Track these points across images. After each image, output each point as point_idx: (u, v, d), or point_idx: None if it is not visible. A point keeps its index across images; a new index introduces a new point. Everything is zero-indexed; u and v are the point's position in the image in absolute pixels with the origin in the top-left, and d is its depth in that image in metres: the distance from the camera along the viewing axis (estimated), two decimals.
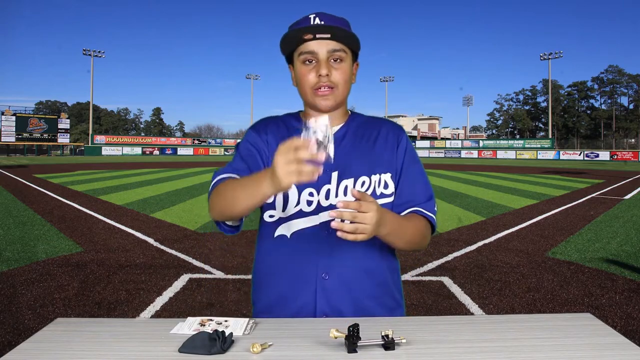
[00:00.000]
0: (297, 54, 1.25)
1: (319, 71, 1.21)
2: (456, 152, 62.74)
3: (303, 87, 1.26)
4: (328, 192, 1.24)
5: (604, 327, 1.10)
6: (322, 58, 1.22)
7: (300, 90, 1.28)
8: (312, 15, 1.23)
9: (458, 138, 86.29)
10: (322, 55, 1.22)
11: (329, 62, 1.22)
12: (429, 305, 3.77)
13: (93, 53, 66.48)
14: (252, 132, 1.33)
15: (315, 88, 1.23)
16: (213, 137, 78.53)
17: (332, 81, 1.22)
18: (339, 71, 1.23)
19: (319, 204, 1.24)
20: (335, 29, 1.21)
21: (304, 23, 1.23)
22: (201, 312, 3.53)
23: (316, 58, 1.22)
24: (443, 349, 0.99)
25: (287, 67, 1.34)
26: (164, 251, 5.61)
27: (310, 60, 1.23)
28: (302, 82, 1.25)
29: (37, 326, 3.22)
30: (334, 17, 1.24)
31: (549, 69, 66.21)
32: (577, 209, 9.64)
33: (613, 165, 38.59)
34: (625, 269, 4.87)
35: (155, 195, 11.69)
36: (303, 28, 1.21)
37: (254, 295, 1.35)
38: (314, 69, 1.23)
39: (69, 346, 1.00)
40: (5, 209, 9.19)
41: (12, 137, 58.18)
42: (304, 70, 1.24)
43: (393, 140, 1.32)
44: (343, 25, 1.25)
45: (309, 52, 1.22)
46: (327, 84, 1.22)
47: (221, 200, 1.17)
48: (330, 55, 1.22)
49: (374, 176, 1.26)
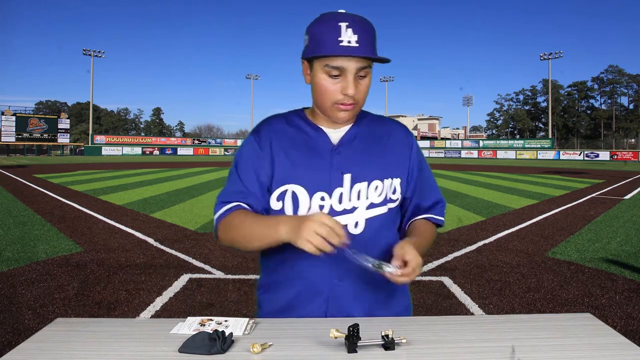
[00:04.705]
0: (322, 64, 1.15)
1: (346, 90, 1.14)
2: (456, 152, 62.74)
3: (322, 100, 1.19)
4: (341, 196, 1.20)
5: (604, 327, 1.10)
6: (350, 76, 1.14)
7: (318, 99, 1.21)
8: (343, 25, 1.11)
9: (458, 138, 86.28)
10: (350, 72, 1.14)
11: (356, 80, 1.15)
12: (429, 305, 3.77)
13: (93, 53, 66.47)
14: (252, 148, 1.25)
15: (338, 103, 1.17)
16: (213, 137, 78.53)
17: (355, 98, 1.17)
18: (362, 87, 1.17)
19: (332, 208, 1.20)
20: (367, 47, 1.13)
21: (335, 32, 1.11)
22: (201, 312, 3.54)
23: (343, 74, 1.14)
24: (443, 349, 0.99)
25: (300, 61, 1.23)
26: (164, 251, 5.61)
27: (336, 75, 1.15)
28: (323, 94, 1.18)
29: (37, 326, 3.22)
30: (364, 26, 1.14)
31: (549, 69, 66.25)
32: (577, 209, 9.64)
33: (613, 165, 38.58)
34: (625, 269, 4.87)
35: (155, 195, 11.69)
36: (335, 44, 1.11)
37: (262, 298, 1.31)
38: (338, 84, 1.15)
39: (69, 346, 1.00)
40: (5, 209, 9.18)
41: (12, 137, 58.19)
42: (327, 84, 1.16)
43: (405, 145, 1.32)
44: (372, 36, 1.16)
45: (336, 68, 1.14)
46: (351, 102, 1.17)
47: (234, 235, 1.18)
48: (358, 72, 1.15)
49: (386, 180, 1.25)
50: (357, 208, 1.21)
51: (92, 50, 66.37)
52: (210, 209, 10.16)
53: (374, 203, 1.23)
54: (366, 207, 1.22)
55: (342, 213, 1.20)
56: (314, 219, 1.02)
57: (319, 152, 1.23)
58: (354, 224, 1.21)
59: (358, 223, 1.21)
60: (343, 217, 1.20)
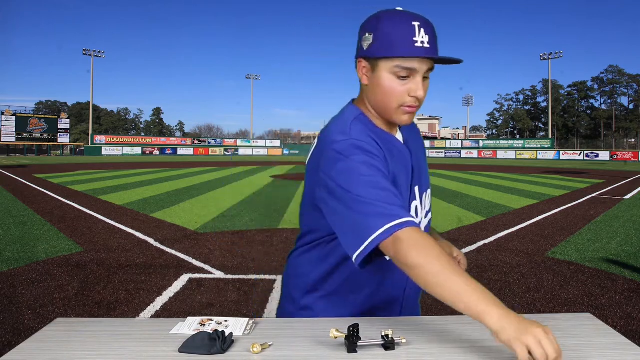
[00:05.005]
0: (391, 64, 1.10)
1: (415, 92, 1.11)
2: (456, 152, 62.74)
3: (388, 101, 1.13)
4: (417, 209, 1.23)
5: (604, 327, 1.10)
6: (419, 78, 1.11)
7: (382, 100, 1.14)
8: (416, 24, 1.08)
9: (458, 138, 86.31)
10: (420, 74, 1.11)
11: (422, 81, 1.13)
12: (429, 305, 3.77)
13: (93, 53, 66.50)
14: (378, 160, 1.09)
15: (404, 105, 1.14)
16: (213, 137, 78.47)
17: (420, 100, 1.14)
18: (425, 88, 1.14)
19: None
20: (436, 48, 1.11)
21: (409, 32, 1.08)
22: (201, 312, 3.54)
23: (412, 75, 1.11)
24: (443, 349, 0.99)
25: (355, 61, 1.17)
26: (164, 251, 5.61)
27: (404, 77, 1.11)
28: (389, 95, 1.12)
29: (37, 326, 3.22)
30: (432, 27, 1.12)
31: (549, 69, 66.27)
32: (577, 209, 9.64)
33: (613, 165, 38.59)
34: (625, 269, 4.87)
35: (155, 195, 11.69)
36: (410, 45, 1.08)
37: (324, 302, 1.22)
38: (407, 85, 1.11)
39: (69, 346, 1.00)
40: (5, 209, 9.19)
41: (12, 137, 58.22)
42: (395, 85, 1.11)
43: (424, 147, 1.39)
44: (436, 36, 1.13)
45: (407, 69, 1.10)
46: (417, 104, 1.14)
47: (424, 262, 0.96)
48: (425, 74, 1.12)
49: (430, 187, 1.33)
50: (422, 218, 1.27)
51: (92, 50, 66.42)
52: (210, 208, 10.12)
53: (427, 210, 1.30)
54: (425, 215, 1.28)
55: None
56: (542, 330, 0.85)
57: (407, 166, 1.21)
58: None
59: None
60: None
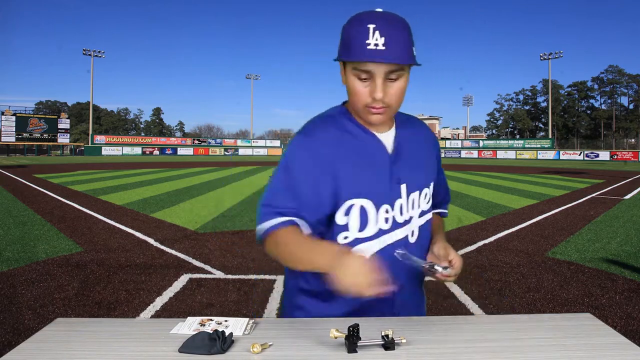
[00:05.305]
0: (351, 66, 1.12)
1: (374, 93, 1.11)
2: (456, 152, 62.74)
3: (355, 101, 1.16)
4: (401, 207, 1.22)
5: (604, 327, 1.10)
6: (379, 80, 1.10)
7: (351, 100, 1.18)
8: (371, 27, 1.07)
9: (458, 138, 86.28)
10: (378, 76, 1.10)
11: (385, 83, 1.11)
12: (429, 305, 3.75)
13: (93, 53, 66.53)
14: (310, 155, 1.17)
15: (368, 106, 1.14)
16: (213, 137, 78.49)
17: (385, 102, 1.12)
18: (393, 90, 1.12)
19: (395, 220, 1.21)
20: (396, 50, 1.07)
21: (362, 35, 1.07)
22: (201, 312, 3.54)
23: (372, 77, 1.11)
24: (443, 349, 0.99)
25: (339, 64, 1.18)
26: (164, 251, 5.61)
27: (365, 79, 1.12)
28: (354, 96, 1.15)
29: (37, 326, 3.22)
30: (395, 28, 1.09)
31: (549, 69, 66.29)
32: (577, 209, 9.64)
33: (613, 165, 38.59)
34: (625, 269, 4.87)
35: (155, 195, 11.68)
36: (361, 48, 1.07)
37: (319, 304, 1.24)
38: (368, 87, 1.12)
39: (69, 346, 1.00)
40: (5, 209, 9.18)
41: (12, 137, 58.22)
42: (357, 86, 1.13)
43: (435, 147, 1.37)
44: (404, 38, 1.10)
45: (364, 71, 1.10)
46: (382, 106, 1.13)
47: (282, 252, 1.16)
48: (387, 75, 1.10)
49: (430, 186, 1.31)
50: (412, 217, 1.24)
51: (92, 50, 66.47)
52: (210, 208, 10.11)
53: (424, 210, 1.28)
54: (419, 215, 1.26)
55: (403, 225, 1.22)
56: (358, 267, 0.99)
57: (379, 162, 1.21)
58: (411, 233, 1.24)
59: (414, 232, 1.25)
60: (404, 229, 1.22)
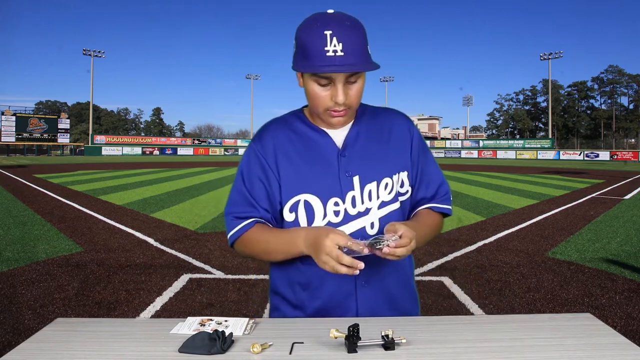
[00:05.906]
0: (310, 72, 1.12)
1: (335, 97, 1.12)
2: (456, 152, 62.74)
3: (315, 105, 1.17)
4: (354, 199, 1.20)
5: (604, 327, 1.10)
6: (339, 84, 1.12)
7: (311, 104, 1.19)
8: (328, 33, 1.07)
9: (458, 138, 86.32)
10: (339, 81, 1.11)
11: (345, 86, 1.13)
12: (429, 305, 3.77)
13: (93, 53, 66.52)
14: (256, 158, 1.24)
15: (330, 110, 1.16)
16: (213, 137, 78.54)
17: (347, 104, 1.14)
18: (353, 91, 1.14)
19: (347, 212, 1.20)
20: (355, 56, 1.08)
21: (320, 42, 1.07)
22: (201, 312, 3.54)
23: (332, 82, 1.12)
24: (443, 349, 0.99)
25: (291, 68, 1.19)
26: (164, 251, 5.61)
27: (325, 84, 1.13)
28: (314, 100, 1.16)
29: (37, 326, 3.22)
30: (351, 32, 1.09)
31: (549, 69, 66.29)
32: (577, 209, 9.64)
33: (613, 165, 38.58)
34: (625, 269, 4.87)
35: (155, 195, 11.69)
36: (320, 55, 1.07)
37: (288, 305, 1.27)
38: (328, 91, 1.13)
39: (69, 346, 1.00)
40: (5, 209, 9.18)
41: (12, 137, 58.22)
42: (317, 90, 1.14)
43: (406, 135, 1.29)
44: (360, 40, 1.10)
45: (325, 77, 1.11)
46: (343, 108, 1.15)
47: (255, 250, 1.22)
48: (347, 78, 1.12)
49: (394, 176, 1.25)
50: (370, 209, 1.21)
51: (92, 50, 66.46)
52: (210, 208, 10.13)
53: (385, 201, 1.23)
54: (378, 206, 1.22)
55: (357, 217, 1.20)
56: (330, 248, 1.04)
57: (326, 157, 1.22)
58: (370, 225, 1.21)
59: (373, 224, 1.22)
60: (359, 221, 1.20)
